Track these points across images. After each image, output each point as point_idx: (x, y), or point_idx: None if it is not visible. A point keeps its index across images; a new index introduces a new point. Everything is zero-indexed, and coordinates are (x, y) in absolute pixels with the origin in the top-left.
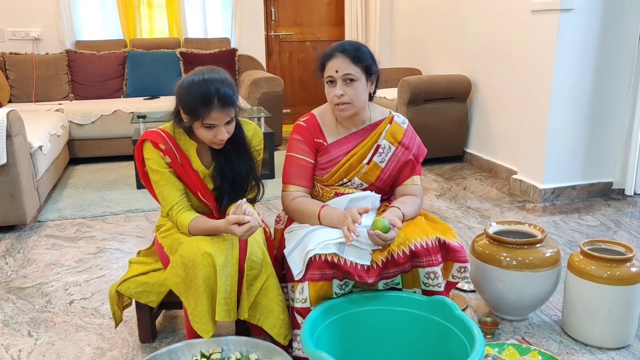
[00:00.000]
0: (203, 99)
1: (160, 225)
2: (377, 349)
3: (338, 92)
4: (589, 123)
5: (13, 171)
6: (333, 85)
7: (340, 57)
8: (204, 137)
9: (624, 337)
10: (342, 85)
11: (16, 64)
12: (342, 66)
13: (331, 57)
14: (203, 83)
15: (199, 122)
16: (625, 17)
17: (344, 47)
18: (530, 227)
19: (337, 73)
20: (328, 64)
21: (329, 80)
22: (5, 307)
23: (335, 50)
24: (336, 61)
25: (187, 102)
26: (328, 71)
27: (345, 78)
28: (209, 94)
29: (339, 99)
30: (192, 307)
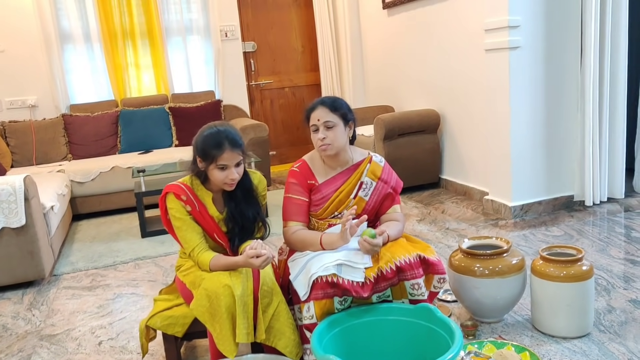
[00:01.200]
0: (216, 143)
1: (179, 265)
2: (375, 353)
3: (320, 136)
4: (546, 144)
5: (31, 231)
6: (317, 132)
7: (320, 108)
8: (217, 178)
9: (584, 326)
10: (324, 130)
11: (16, 131)
12: (323, 115)
13: (314, 109)
14: (215, 131)
15: (213, 165)
16: (566, 51)
17: (323, 100)
18: (497, 240)
19: (319, 121)
20: (312, 115)
21: (314, 128)
22: (42, 352)
23: (316, 103)
24: (318, 111)
25: (203, 148)
26: (312, 120)
27: (326, 125)
28: (221, 138)
29: (322, 141)
30: (217, 332)
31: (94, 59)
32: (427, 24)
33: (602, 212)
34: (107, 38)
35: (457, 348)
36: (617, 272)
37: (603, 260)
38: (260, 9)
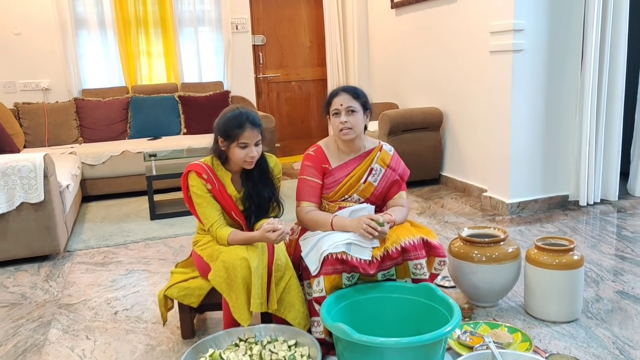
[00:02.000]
0: (238, 122)
1: (197, 240)
2: (379, 327)
3: (343, 119)
4: (545, 145)
5: (49, 207)
6: (338, 116)
7: (344, 94)
8: (238, 156)
9: (573, 312)
10: (346, 115)
11: (29, 113)
12: (346, 100)
13: (337, 94)
14: (237, 112)
15: (235, 143)
16: (568, 54)
17: (346, 88)
18: (495, 229)
19: (342, 106)
20: (335, 100)
21: (335, 112)
22: (61, 319)
23: (339, 89)
24: (341, 97)
25: (225, 128)
26: (334, 105)
27: (348, 110)
28: (242, 118)
29: (343, 125)
30: (233, 301)
31: (107, 45)
32: (434, 24)
33: (595, 212)
34: (121, 25)
35: (455, 321)
36: (607, 266)
37: (594, 255)
38: (271, 3)
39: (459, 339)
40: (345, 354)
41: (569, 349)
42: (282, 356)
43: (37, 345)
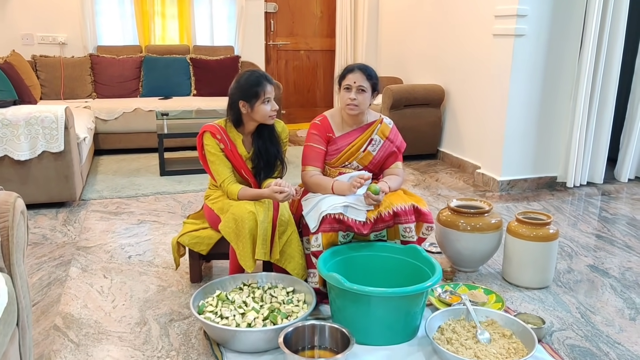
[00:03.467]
0: (257, 81)
1: (208, 195)
2: (368, 280)
3: (352, 96)
4: (538, 127)
5: (68, 157)
6: (349, 91)
7: (358, 72)
8: (264, 112)
9: (545, 280)
10: (356, 92)
11: (46, 66)
12: (359, 79)
13: (352, 71)
14: (252, 73)
15: (259, 101)
16: (567, 41)
17: (361, 66)
18: (481, 202)
19: (355, 83)
20: (349, 76)
21: (347, 87)
22: (79, 259)
23: (355, 67)
24: (355, 75)
25: (246, 89)
26: (348, 80)
27: (359, 88)
28: (259, 76)
29: (352, 101)
30: (240, 250)
31: (124, 4)
32: (442, 3)
33: (581, 193)
34: None
35: (436, 278)
36: (582, 242)
37: (572, 232)
38: None
39: (440, 297)
40: (337, 301)
41: (537, 311)
42: (281, 300)
43: (60, 280)
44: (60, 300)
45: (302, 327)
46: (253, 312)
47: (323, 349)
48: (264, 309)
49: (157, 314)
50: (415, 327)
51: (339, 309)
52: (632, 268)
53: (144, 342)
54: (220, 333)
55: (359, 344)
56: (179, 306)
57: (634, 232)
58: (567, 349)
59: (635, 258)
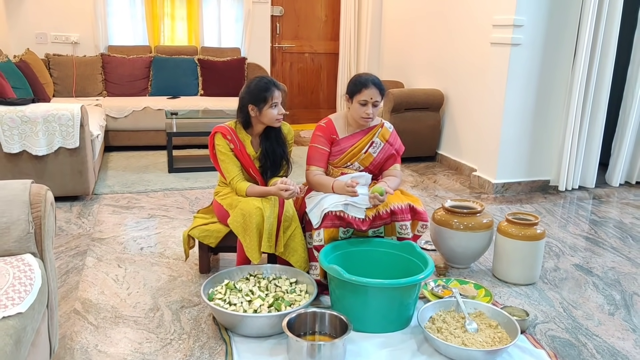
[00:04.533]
0: (265, 87)
1: (218, 191)
2: (366, 274)
3: (369, 112)
4: (532, 133)
5: (82, 153)
6: (365, 106)
7: (374, 89)
8: (271, 116)
9: (532, 277)
10: (371, 108)
11: (59, 64)
12: (375, 95)
13: (367, 86)
14: (262, 79)
15: (267, 105)
16: (561, 50)
17: (375, 81)
18: (474, 203)
19: (371, 99)
20: (365, 91)
21: (363, 102)
22: (95, 249)
23: (370, 82)
24: (371, 91)
25: (256, 94)
26: (363, 96)
27: (374, 104)
28: (267, 82)
29: (368, 115)
30: (247, 243)
31: (134, 5)
32: (444, 10)
33: (573, 197)
34: None
35: (428, 271)
36: (570, 243)
37: (561, 233)
38: None
39: (433, 290)
40: (336, 291)
41: (522, 305)
42: (285, 290)
43: (77, 268)
44: (78, 287)
45: (304, 314)
46: (259, 299)
47: (323, 334)
48: (269, 297)
49: (168, 301)
50: (409, 317)
51: (338, 298)
52: (615, 267)
53: (158, 326)
54: (229, 318)
55: (356, 331)
56: (189, 294)
57: (620, 235)
58: (548, 340)
59: (619, 259)
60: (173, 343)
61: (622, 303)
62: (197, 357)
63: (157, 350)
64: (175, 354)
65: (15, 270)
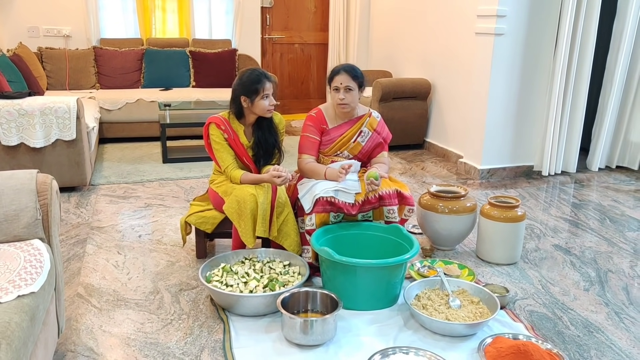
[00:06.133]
0: (257, 79)
1: (213, 179)
2: (356, 255)
3: (341, 97)
4: (516, 120)
5: (79, 145)
6: (337, 92)
7: (344, 75)
8: (263, 107)
9: (514, 257)
10: (344, 92)
11: (52, 57)
12: (345, 80)
13: (338, 73)
14: (253, 72)
15: (259, 96)
16: (543, 40)
17: (346, 68)
18: (458, 187)
19: (341, 84)
20: (336, 78)
21: (335, 88)
22: (95, 237)
23: (341, 69)
24: (342, 76)
25: (248, 86)
26: (335, 82)
27: (346, 88)
28: (259, 74)
29: (341, 101)
30: (241, 228)
31: None
32: (429, 2)
33: (555, 181)
34: None
35: (414, 252)
36: (551, 225)
37: (543, 216)
38: None
39: (419, 270)
40: (327, 272)
41: (504, 283)
42: (279, 272)
43: (78, 255)
44: (80, 273)
45: (297, 293)
46: (254, 281)
47: (315, 312)
48: (263, 279)
49: (168, 284)
50: (396, 295)
51: (329, 279)
52: (592, 247)
53: (158, 308)
54: (226, 298)
55: (346, 309)
56: (187, 278)
57: (598, 216)
58: (526, 314)
59: (596, 239)
60: (173, 323)
61: (596, 280)
62: (197, 336)
63: (159, 330)
64: (176, 332)
65: (26, 254)
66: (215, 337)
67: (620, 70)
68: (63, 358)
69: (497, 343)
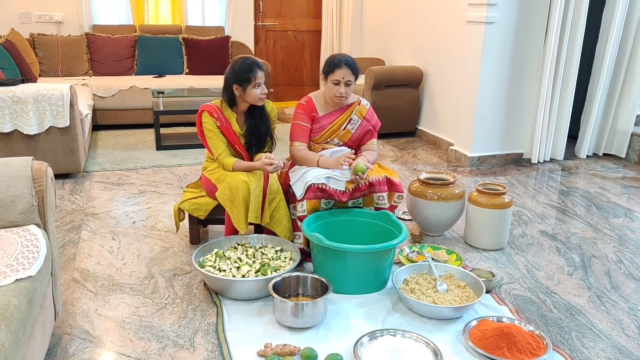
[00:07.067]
0: (249, 67)
1: (206, 166)
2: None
3: (342, 90)
4: (506, 108)
5: (73, 132)
6: (337, 86)
7: (346, 69)
8: (254, 95)
9: (501, 242)
10: (344, 87)
11: (44, 44)
12: (347, 75)
13: (339, 66)
14: (245, 60)
15: (250, 85)
16: (533, 29)
17: (347, 61)
18: (447, 174)
19: (343, 79)
20: (337, 71)
21: (336, 82)
22: (89, 224)
23: (341, 62)
24: (343, 71)
25: (240, 74)
26: (336, 75)
27: (347, 83)
28: (251, 63)
29: (341, 94)
30: (234, 214)
31: None
32: None
33: (544, 169)
34: None
35: (402, 237)
36: (538, 212)
37: (530, 203)
38: None
39: (408, 256)
40: (318, 257)
41: (490, 268)
42: (271, 257)
43: (73, 241)
44: (75, 258)
45: (289, 277)
46: (247, 265)
47: (306, 296)
48: (256, 264)
49: (162, 269)
50: (385, 280)
51: (320, 264)
52: (577, 233)
53: (153, 292)
54: (219, 283)
55: (336, 293)
56: (181, 263)
57: (584, 203)
58: (511, 298)
59: (581, 225)
60: (167, 307)
61: (580, 265)
62: (191, 319)
63: (153, 314)
64: (170, 316)
65: (23, 239)
66: (208, 320)
67: (609, 59)
68: (60, 340)
69: (481, 325)
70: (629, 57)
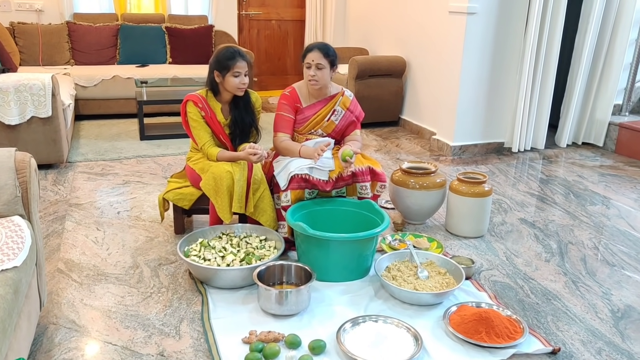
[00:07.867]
0: (231, 55)
1: (190, 156)
2: (330, 230)
3: (312, 73)
4: (487, 97)
5: (55, 122)
6: (309, 69)
7: (316, 51)
8: (233, 84)
9: (480, 230)
10: (315, 70)
11: (24, 33)
12: (317, 57)
13: (311, 50)
14: (229, 49)
15: (230, 73)
16: (513, 19)
17: (319, 45)
18: (428, 164)
19: (313, 62)
20: (308, 55)
21: (307, 65)
22: (73, 214)
23: (313, 47)
24: (313, 54)
25: (220, 61)
26: (307, 59)
27: (317, 66)
28: (233, 52)
29: (312, 77)
30: (218, 204)
31: None
32: None
33: (525, 158)
34: None
35: (384, 226)
36: (518, 200)
37: (510, 191)
38: None
39: (390, 244)
40: (302, 246)
41: (470, 255)
42: (255, 246)
43: (57, 232)
44: (60, 249)
45: (273, 266)
46: (231, 255)
47: (290, 284)
48: (240, 253)
49: (147, 259)
50: (367, 267)
51: (303, 252)
52: (555, 220)
53: (138, 282)
54: (204, 272)
55: (320, 281)
56: (166, 253)
57: (563, 191)
58: (491, 284)
59: (560, 212)
60: (153, 296)
61: (557, 251)
62: (176, 308)
63: (139, 303)
64: (156, 305)
65: (7, 230)
66: (193, 308)
67: (588, 50)
68: (45, 330)
69: (461, 311)
70: (606, 48)
